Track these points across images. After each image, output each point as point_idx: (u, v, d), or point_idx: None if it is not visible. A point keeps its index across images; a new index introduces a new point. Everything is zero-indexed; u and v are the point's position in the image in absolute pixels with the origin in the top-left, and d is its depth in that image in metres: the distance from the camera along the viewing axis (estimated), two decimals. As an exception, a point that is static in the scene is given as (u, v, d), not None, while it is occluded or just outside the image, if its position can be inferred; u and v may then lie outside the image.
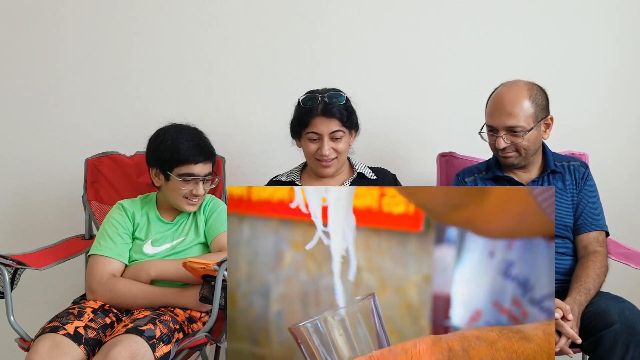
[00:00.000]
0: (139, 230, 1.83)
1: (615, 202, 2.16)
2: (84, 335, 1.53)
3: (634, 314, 1.48)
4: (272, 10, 2.29)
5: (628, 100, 2.27)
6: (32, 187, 2.35)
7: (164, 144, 1.78)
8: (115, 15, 2.31)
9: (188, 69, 2.31)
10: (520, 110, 1.68)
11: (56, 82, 2.33)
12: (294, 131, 1.89)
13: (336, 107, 1.81)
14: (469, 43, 2.27)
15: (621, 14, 2.26)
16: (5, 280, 1.60)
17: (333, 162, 1.84)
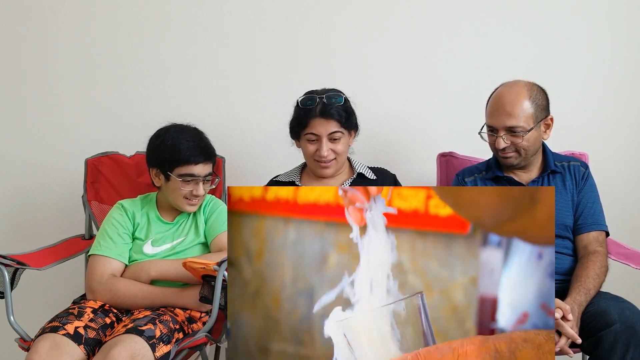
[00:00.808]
0: (139, 230, 1.83)
1: (615, 202, 2.16)
2: (84, 335, 1.53)
3: (634, 314, 1.48)
4: (272, 11, 2.29)
5: (628, 100, 2.27)
6: (32, 187, 2.35)
7: (164, 144, 1.78)
8: (115, 16, 2.31)
9: (188, 69, 2.31)
10: (520, 111, 1.68)
11: (56, 82, 2.33)
12: (293, 132, 1.89)
13: (335, 108, 1.80)
14: (469, 43, 2.27)
15: (621, 14, 2.26)
16: (5, 280, 1.60)
17: (332, 163, 1.84)
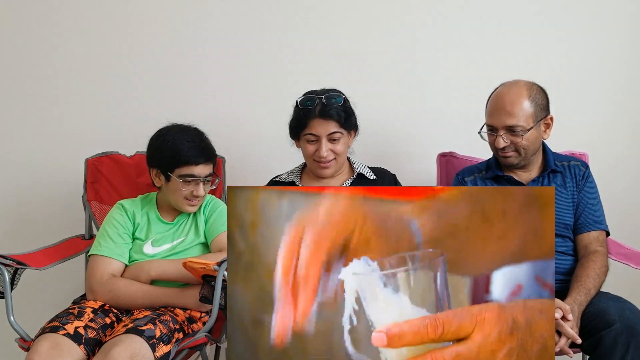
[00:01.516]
0: (139, 230, 1.83)
1: (616, 201, 2.15)
2: (84, 335, 1.53)
3: (634, 314, 1.48)
4: (272, 11, 2.29)
5: (628, 100, 2.27)
6: (32, 187, 2.35)
7: (164, 145, 1.78)
8: (115, 15, 2.31)
9: (188, 69, 2.31)
10: (520, 110, 1.68)
11: (56, 82, 2.33)
12: (292, 132, 1.88)
13: (334, 109, 1.79)
14: (469, 43, 2.27)
15: (621, 14, 2.25)
16: (5, 280, 1.60)
17: (331, 163, 1.84)
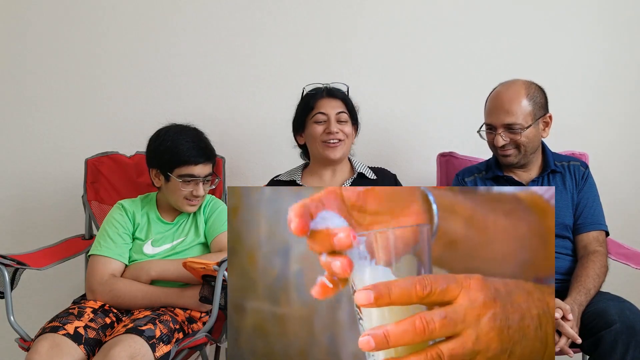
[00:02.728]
0: (139, 230, 1.83)
1: (616, 202, 2.15)
2: (84, 335, 1.53)
3: (634, 314, 1.48)
4: (272, 11, 2.29)
5: (628, 101, 2.27)
6: (32, 187, 2.35)
7: (164, 145, 1.77)
8: (115, 15, 2.31)
9: (188, 69, 2.31)
10: (518, 108, 1.69)
11: (56, 83, 2.33)
12: (298, 122, 1.89)
13: (340, 92, 1.89)
14: (469, 43, 2.27)
15: (621, 14, 2.25)
16: (5, 280, 1.60)
17: (340, 143, 1.85)
